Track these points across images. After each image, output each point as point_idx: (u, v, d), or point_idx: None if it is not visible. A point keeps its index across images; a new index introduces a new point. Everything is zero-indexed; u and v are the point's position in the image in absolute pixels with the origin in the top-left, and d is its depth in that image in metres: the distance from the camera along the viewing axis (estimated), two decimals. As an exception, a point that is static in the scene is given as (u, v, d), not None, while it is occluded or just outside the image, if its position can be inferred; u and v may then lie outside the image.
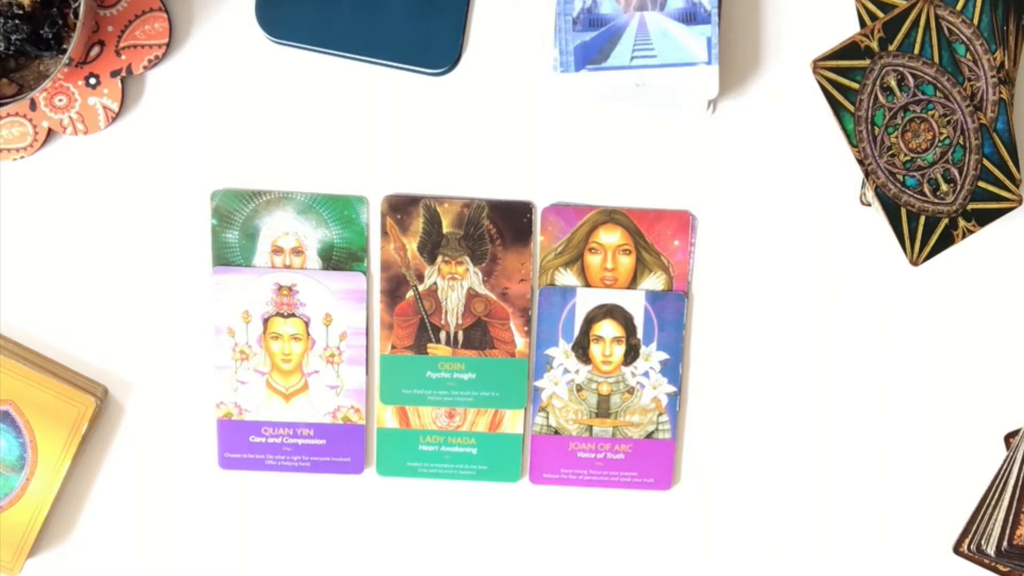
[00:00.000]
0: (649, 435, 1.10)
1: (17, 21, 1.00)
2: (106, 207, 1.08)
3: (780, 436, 1.11)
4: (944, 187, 1.03)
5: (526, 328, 1.09)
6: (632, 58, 1.02)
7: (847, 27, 1.05)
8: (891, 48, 1.02)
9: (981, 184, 1.04)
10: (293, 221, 1.08)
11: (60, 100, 1.06)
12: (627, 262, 1.08)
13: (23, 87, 1.03)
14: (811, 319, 1.09)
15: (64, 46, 1.02)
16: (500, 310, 1.09)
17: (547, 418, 1.10)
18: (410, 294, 1.09)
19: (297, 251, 1.08)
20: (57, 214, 1.08)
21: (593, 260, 1.08)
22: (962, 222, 1.04)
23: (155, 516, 1.12)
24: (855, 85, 1.01)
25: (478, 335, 1.09)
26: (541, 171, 1.08)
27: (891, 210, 1.03)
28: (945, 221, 1.04)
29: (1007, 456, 1.09)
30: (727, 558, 1.12)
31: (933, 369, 1.10)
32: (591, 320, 1.09)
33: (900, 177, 1.03)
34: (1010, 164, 1.04)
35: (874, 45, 1.01)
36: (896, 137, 1.02)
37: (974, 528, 1.10)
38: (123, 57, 1.06)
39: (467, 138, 1.07)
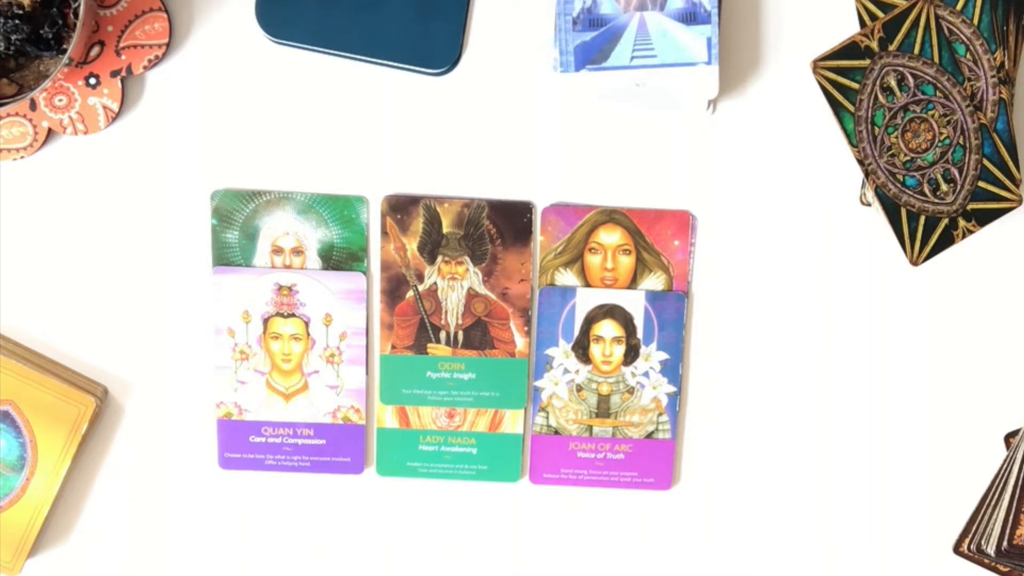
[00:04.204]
0: (649, 435, 1.10)
1: (17, 21, 1.00)
2: (106, 207, 1.08)
3: (780, 436, 1.11)
4: (944, 187, 1.03)
5: (526, 328, 1.09)
6: (632, 58, 1.02)
7: (847, 27, 1.05)
8: (891, 48, 1.02)
9: (981, 184, 1.04)
10: (293, 221, 1.08)
11: (60, 100, 1.06)
12: (627, 262, 1.08)
13: (23, 87, 1.03)
14: (811, 319, 1.09)
15: (64, 46, 1.02)
16: (500, 310, 1.09)
17: (547, 418, 1.10)
18: (410, 294, 1.09)
19: (297, 251, 1.08)
20: (57, 214, 1.08)
21: (593, 260, 1.08)
22: (962, 222, 1.04)
23: (155, 516, 1.12)
24: (855, 85, 1.01)
25: (478, 335, 1.09)
26: (541, 171, 1.08)
27: (891, 210, 1.03)
28: (945, 221, 1.04)
29: (1007, 456, 1.09)
30: (727, 558, 1.12)
31: (933, 369, 1.10)
32: (591, 320, 1.09)
33: (900, 177, 1.03)
34: (1010, 164, 1.04)
35: (874, 45, 1.01)
36: (896, 137, 1.02)
37: (974, 528, 1.10)
38: (123, 57, 1.06)
39: (467, 138, 1.07)
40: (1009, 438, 1.10)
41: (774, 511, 1.11)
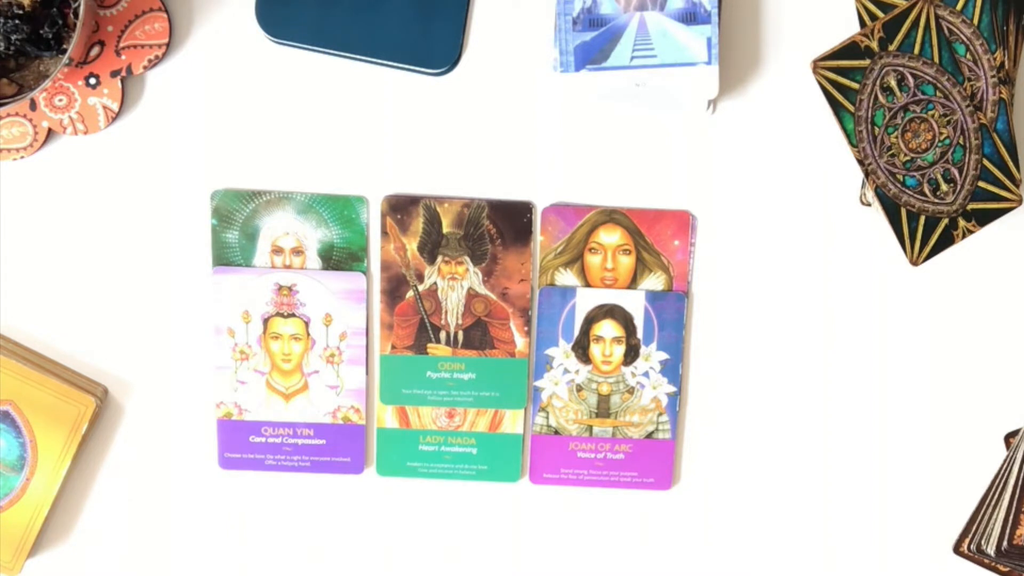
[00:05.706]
0: (649, 435, 1.10)
1: (17, 21, 1.00)
2: (106, 207, 1.08)
3: (780, 436, 1.11)
4: (944, 187, 1.03)
5: (526, 328, 1.09)
6: (632, 58, 1.02)
7: (847, 27, 1.05)
8: (891, 48, 1.02)
9: (981, 184, 1.04)
10: (293, 221, 1.08)
11: (60, 100, 1.06)
12: (627, 262, 1.08)
13: (23, 87, 1.03)
14: (811, 319, 1.09)
15: (64, 46, 1.02)
16: (500, 310, 1.09)
17: (547, 418, 1.10)
18: (410, 294, 1.09)
19: (297, 251, 1.08)
20: (57, 214, 1.08)
21: (593, 260, 1.08)
22: (962, 222, 1.04)
23: (155, 516, 1.12)
24: (855, 85, 1.01)
25: (478, 335, 1.09)
26: (541, 171, 1.08)
27: (891, 210, 1.03)
28: (945, 221, 1.04)
29: (1007, 456, 1.09)
30: (727, 558, 1.12)
31: (933, 369, 1.10)
32: (591, 320, 1.09)
33: (900, 177, 1.03)
34: (1010, 164, 1.04)
35: (874, 45, 1.02)
36: (896, 137, 1.02)
37: (974, 528, 1.10)
38: (123, 57, 1.06)
39: (467, 138, 1.07)
40: (1009, 438, 1.10)
41: (774, 511, 1.11)
